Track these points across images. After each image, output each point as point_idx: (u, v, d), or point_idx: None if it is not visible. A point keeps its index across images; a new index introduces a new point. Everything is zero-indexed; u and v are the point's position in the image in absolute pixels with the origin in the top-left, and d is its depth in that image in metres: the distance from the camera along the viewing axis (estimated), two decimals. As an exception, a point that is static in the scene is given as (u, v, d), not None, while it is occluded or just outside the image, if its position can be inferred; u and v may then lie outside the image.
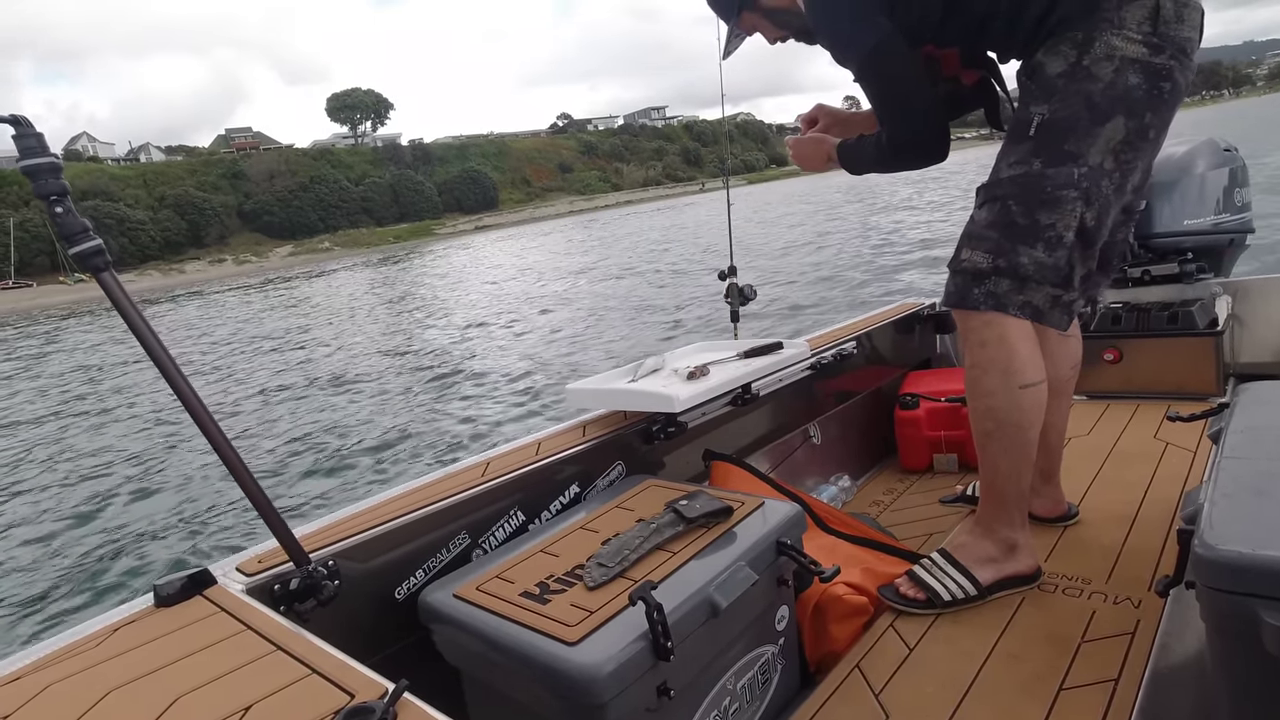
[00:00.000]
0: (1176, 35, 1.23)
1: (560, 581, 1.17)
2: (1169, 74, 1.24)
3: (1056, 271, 1.29)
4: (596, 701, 0.97)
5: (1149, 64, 1.23)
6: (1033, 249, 1.29)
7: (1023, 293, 1.31)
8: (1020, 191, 1.30)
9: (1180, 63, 1.25)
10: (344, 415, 7.19)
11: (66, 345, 16.76)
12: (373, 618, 1.28)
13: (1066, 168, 1.27)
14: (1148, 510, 1.70)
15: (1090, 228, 1.29)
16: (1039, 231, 1.28)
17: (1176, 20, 1.23)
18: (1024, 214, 1.29)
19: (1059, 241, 1.28)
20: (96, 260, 0.98)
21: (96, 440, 7.49)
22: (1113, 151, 1.27)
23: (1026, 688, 1.21)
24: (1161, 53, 1.23)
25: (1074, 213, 1.27)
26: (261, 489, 1.08)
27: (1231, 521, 0.85)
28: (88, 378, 11.77)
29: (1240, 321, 2.39)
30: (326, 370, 9.54)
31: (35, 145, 0.93)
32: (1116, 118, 1.25)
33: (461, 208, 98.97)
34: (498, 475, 1.47)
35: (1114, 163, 1.27)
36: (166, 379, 1.03)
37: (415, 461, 5.72)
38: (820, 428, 2.38)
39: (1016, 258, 1.30)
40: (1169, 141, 2.52)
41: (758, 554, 1.22)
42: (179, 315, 23.73)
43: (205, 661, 0.89)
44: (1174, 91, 1.26)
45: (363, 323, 14.41)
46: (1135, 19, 1.22)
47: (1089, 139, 1.26)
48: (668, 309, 10.92)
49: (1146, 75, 1.23)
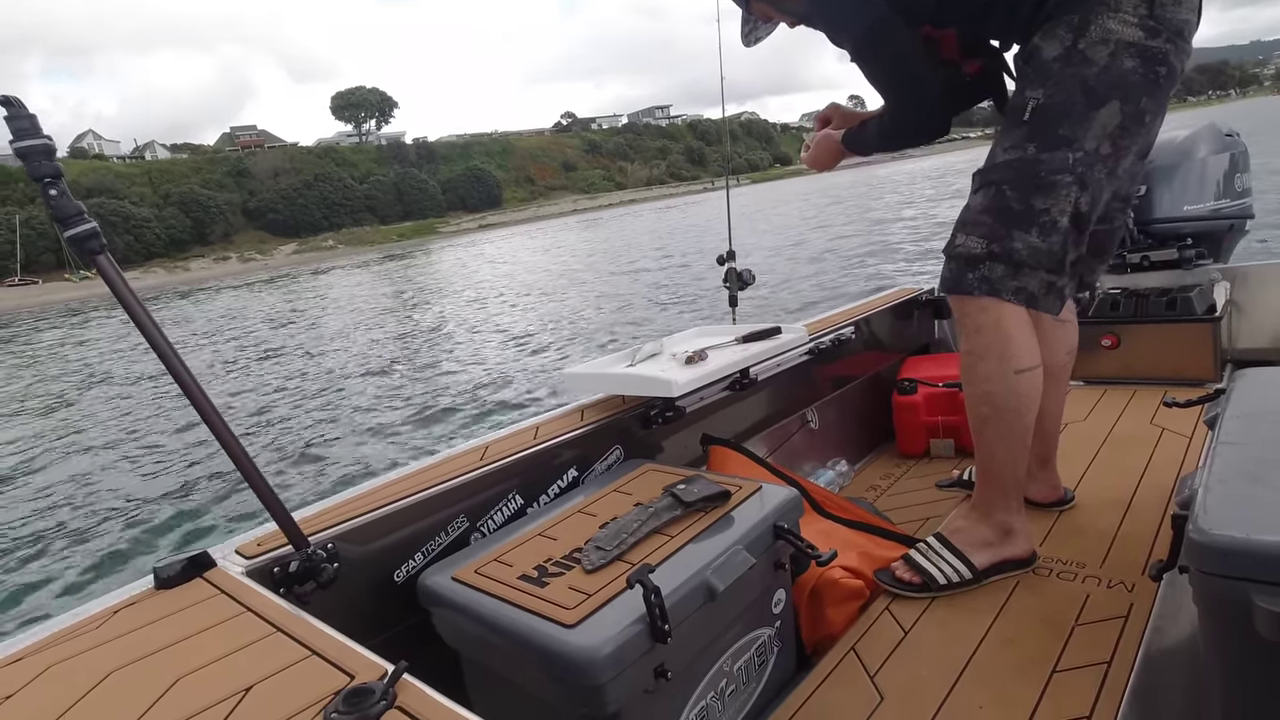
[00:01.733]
0: (1174, 18, 1.22)
1: (558, 565, 1.18)
2: (1165, 58, 1.23)
3: (1050, 256, 1.29)
4: (595, 683, 0.98)
5: (1145, 47, 1.21)
6: (1027, 234, 1.28)
7: (1017, 278, 1.30)
8: (1015, 176, 1.29)
9: (1176, 45, 1.23)
10: (343, 399, 7.20)
11: (69, 341, 16.72)
12: (372, 600, 1.29)
13: (1061, 152, 1.26)
14: (1143, 495, 1.71)
15: (1084, 212, 1.28)
16: (1034, 216, 1.28)
17: (1174, 2, 1.21)
18: (1019, 199, 1.29)
19: (1053, 226, 1.27)
20: (92, 243, 0.97)
21: (96, 424, 7.50)
22: (1109, 136, 1.26)
23: (1020, 670, 1.23)
24: (1158, 36, 1.21)
25: (1069, 198, 1.26)
26: (260, 473, 1.08)
27: (1226, 507, 0.86)
28: (88, 366, 11.76)
29: (1238, 307, 2.39)
30: (327, 356, 9.54)
31: (28, 127, 0.92)
32: (1112, 102, 1.24)
33: (465, 206, 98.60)
34: (496, 459, 1.48)
35: (1110, 147, 1.26)
36: (165, 364, 1.03)
37: (414, 445, 5.73)
38: (818, 413, 2.39)
39: (1011, 243, 1.29)
40: (1170, 126, 2.52)
41: (755, 538, 1.23)
42: (189, 310, 23.59)
43: (205, 643, 0.90)
44: (1169, 75, 1.25)
45: (364, 313, 14.37)
46: (1131, 1, 1.21)
47: (1084, 124, 1.25)
48: (664, 301, 10.91)
49: (1143, 59, 1.22)
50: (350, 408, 6.91)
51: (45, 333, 20.43)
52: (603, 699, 0.99)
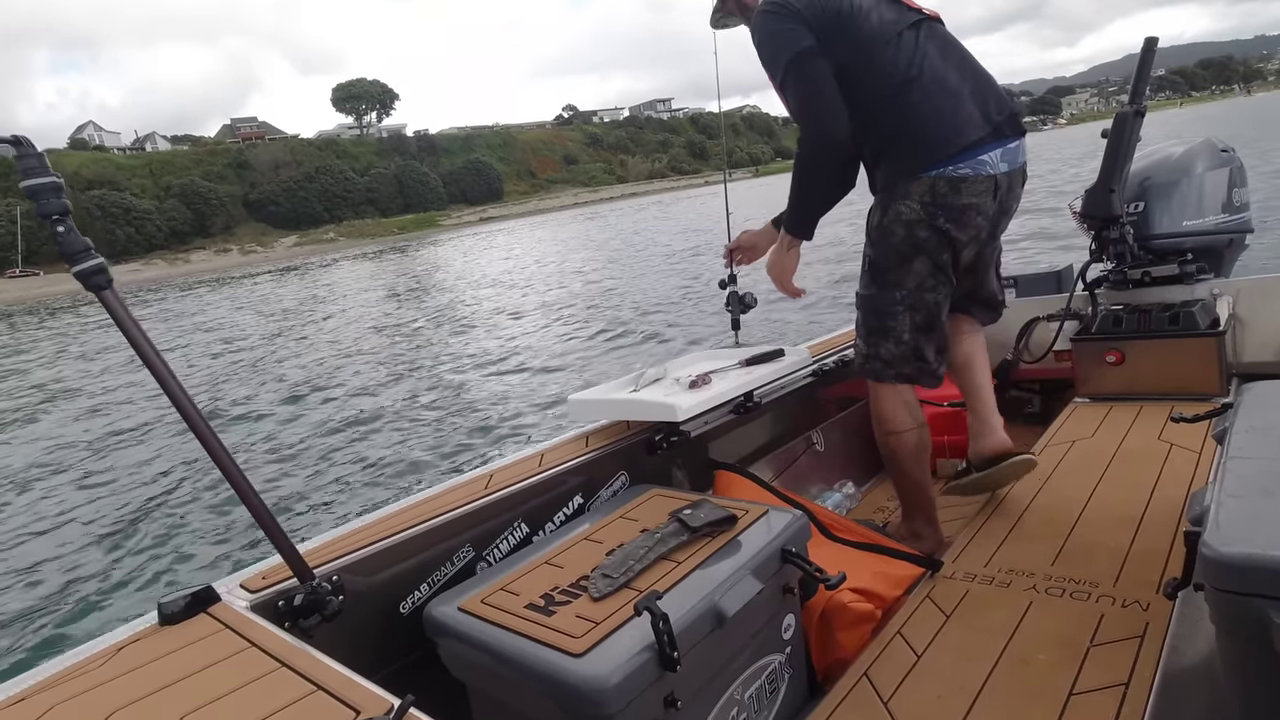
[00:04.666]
0: (952, 204, 1.58)
1: (565, 593, 1.17)
2: (948, 230, 1.61)
3: (907, 354, 1.71)
4: (604, 713, 0.97)
5: (930, 224, 1.60)
6: (886, 343, 1.72)
7: (891, 369, 1.74)
8: (868, 306, 1.75)
9: (958, 221, 1.60)
10: (346, 429, 7.19)
11: (71, 350, 16.61)
12: (377, 633, 1.28)
13: (890, 292, 1.69)
14: (1153, 512, 1.70)
15: (923, 323, 1.69)
16: (887, 332, 1.72)
17: (953, 193, 1.58)
18: (875, 321, 1.74)
19: (901, 338, 1.70)
20: (98, 279, 0.98)
21: (97, 456, 7.49)
22: (928, 274, 1.65)
23: (1036, 693, 1.20)
24: (937, 218, 1.59)
25: (905, 319, 1.69)
26: (265, 504, 1.08)
27: (1239, 522, 0.85)
28: (87, 385, 11.75)
29: (1242, 321, 2.38)
30: (327, 380, 9.55)
31: (37, 165, 0.94)
32: (919, 258, 1.64)
33: (466, 199, 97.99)
34: (501, 487, 1.47)
35: (932, 280, 1.66)
36: (169, 396, 1.03)
37: (417, 474, 5.71)
38: (823, 434, 2.38)
39: (878, 349, 1.75)
40: (1167, 143, 2.55)
41: (762, 562, 1.22)
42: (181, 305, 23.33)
43: (210, 680, 0.89)
44: (959, 236, 1.61)
45: (361, 326, 14.34)
46: (918, 193, 1.59)
47: (901, 272, 1.66)
48: (668, 310, 10.91)
49: (931, 230, 1.60)
50: (354, 437, 6.89)
51: (43, 342, 20.07)
52: None
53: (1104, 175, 2.35)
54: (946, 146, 1.55)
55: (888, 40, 1.57)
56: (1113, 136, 2.33)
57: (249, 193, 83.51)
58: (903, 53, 1.56)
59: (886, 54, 1.56)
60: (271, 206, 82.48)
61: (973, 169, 1.57)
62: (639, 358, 8.31)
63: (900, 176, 1.60)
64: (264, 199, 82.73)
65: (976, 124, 1.57)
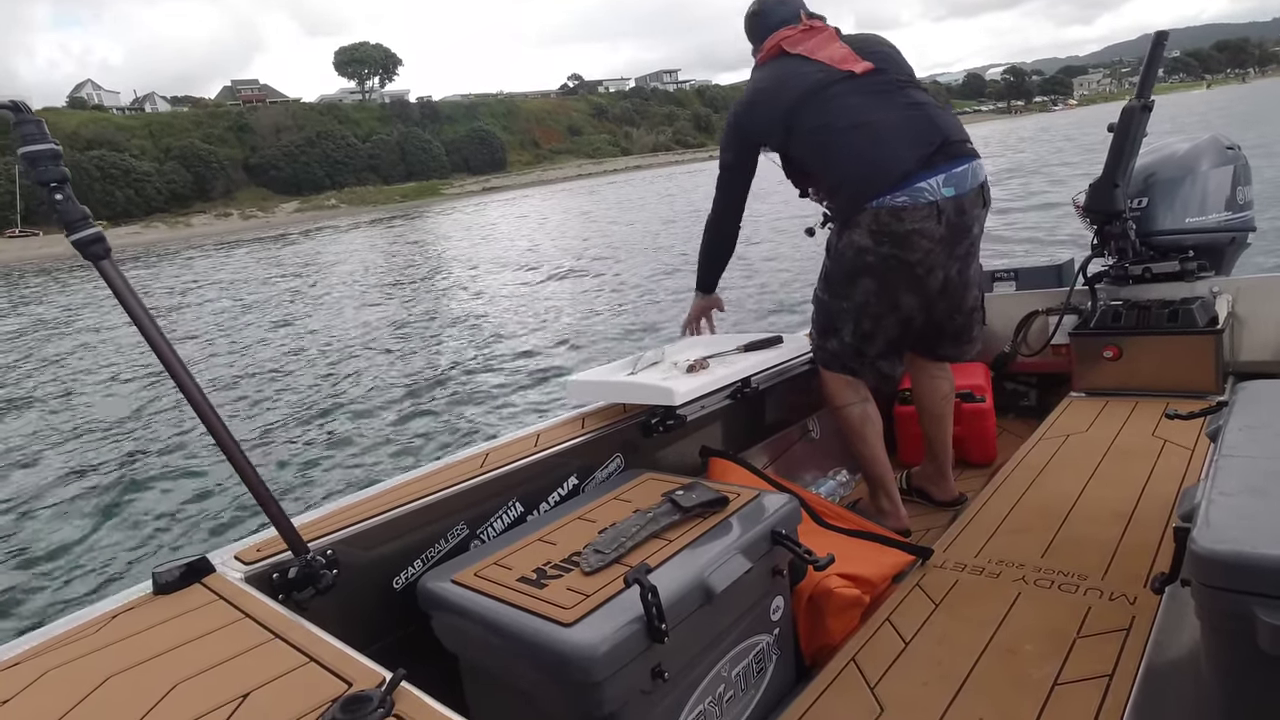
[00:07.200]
0: (896, 230, 1.74)
1: (557, 568, 1.18)
2: (894, 255, 1.77)
3: (849, 351, 1.94)
4: (592, 680, 0.98)
5: (876, 250, 1.77)
6: (833, 339, 1.95)
7: (837, 360, 1.97)
8: (820, 307, 1.99)
9: (904, 245, 1.76)
10: (343, 404, 7.19)
11: (65, 324, 16.52)
12: (371, 607, 1.29)
13: (838, 301, 1.90)
14: (1145, 507, 1.71)
15: (866, 331, 1.89)
16: (833, 331, 1.95)
17: (895, 221, 1.73)
18: (824, 319, 1.97)
19: (844, 339, 1.93)
20: (96, 248, 0.98)
21: (94, 427, 7.50)
22: (872, 295, 1.84)
23: (1021, 683, 1.22)
24: (882, 244, 1.76)
25: (849, 324, 1.90)
26: (260, 478, 1.08)
27: (1228, 520, 0.85)
28: (85, 358, 11.72)
29: (1240, 320, 2.38)
30: (326, 355, 9.54)
31: (35, 132, 0.93)
32: (865, 278, 1.82)
33: (469, 168, 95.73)
34: (497, 466, 1.48)
35: (877, 298, 1.84)
36: (166, 367, 1.03)
37: (414, 451, 5.72)
38: (819, 422, 2.39)
39: (826, 343, 1.98)
40: (1172, 139, 2.53)
41: (752, 542, 1.23)
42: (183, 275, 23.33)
43: (203, 649, 0.90)
44: (907, 258, 1.77)
45: (360, 300, 14.28)
46: (865, 223, 1.76)
47: (849, 287, 1.86)
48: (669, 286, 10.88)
49: (877, 256, 1.78)
50: (351, 412, 6.89)
51: (33, 305, 19.71)
52: (599, 697, 0.99)
53: (1108, 170, 2.34)
54: (883, 181, 1.74)
55: (824, 102, 1.81)
56: (1119, 131, 2.32)
57: (249, 156, 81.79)
58: (835, 110, 1.80)
59: (826, 115, 1.81)
60: (272, 171, 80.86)
61: (910, 197, 1.73)
62: (638, 340, 8.30)
63: (849, 210, 1.81)
64: (265, 163, 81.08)
65: (905, 158, 1.74)
